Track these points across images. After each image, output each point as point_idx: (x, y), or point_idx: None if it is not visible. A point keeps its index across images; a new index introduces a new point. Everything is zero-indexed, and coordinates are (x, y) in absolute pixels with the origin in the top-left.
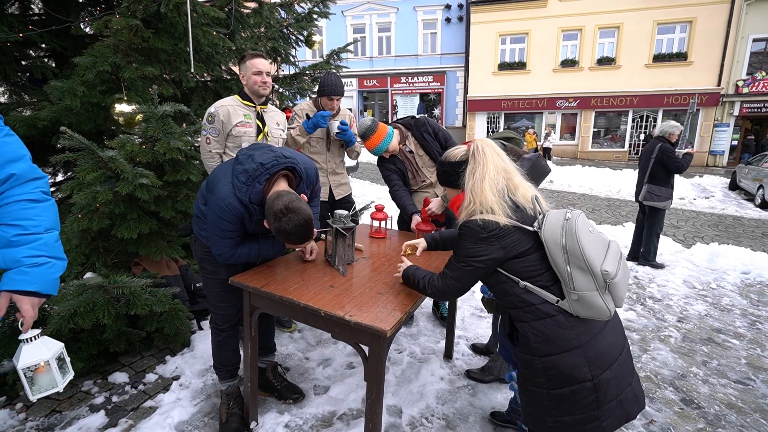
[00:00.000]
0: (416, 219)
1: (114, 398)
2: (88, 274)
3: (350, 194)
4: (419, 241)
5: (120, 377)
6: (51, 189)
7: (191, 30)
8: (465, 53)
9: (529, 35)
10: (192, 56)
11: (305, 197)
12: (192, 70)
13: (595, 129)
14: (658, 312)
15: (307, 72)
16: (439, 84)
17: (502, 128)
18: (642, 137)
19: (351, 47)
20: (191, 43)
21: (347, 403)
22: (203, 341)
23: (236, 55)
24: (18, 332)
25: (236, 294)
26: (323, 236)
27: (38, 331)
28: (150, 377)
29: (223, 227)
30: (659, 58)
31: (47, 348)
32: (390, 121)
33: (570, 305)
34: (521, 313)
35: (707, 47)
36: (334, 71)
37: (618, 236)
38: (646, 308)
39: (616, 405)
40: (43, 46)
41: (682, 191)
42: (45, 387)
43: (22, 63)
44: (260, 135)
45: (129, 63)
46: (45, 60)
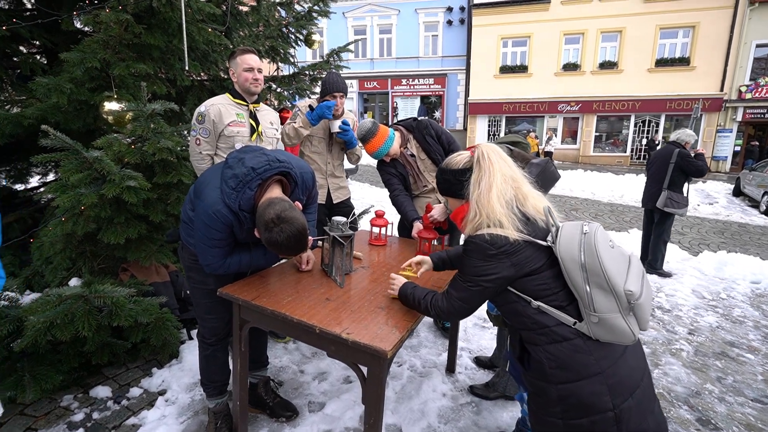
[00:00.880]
0: (417, 226)
1: (95, 415)
2: (74, 280)
3: (349, 198)
4: (425, 260)
5: (102, 391)
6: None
7: (185, 26)
8: (466, 56)
9: (531, 38)
10: (186, 53)
11: (300, 205)
12: (186, 68)
13: (597, 133)
14: (668, 323)
15: (307, 72)
16: (440, 86)
17: (504, 132)
18: (644, 142)
19: (351, 47)
20: (185, 40)
21: (344, 422)
22: (192, 352)
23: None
24: None
25: (225, 305)
26: (320, 243)
27: None
28: (134, 391)
29: (212, 235)
30: (662, 63)
31: None
32: (390, 123)
33: (589, 328)
34: (534, 336)
35: (710, 52)
36: (335, 71)
37: (624, 243)
38: (656, 319)
39: None
40: (36, 43)
41: None
42: None
43: (14, 59)
44: (254, 135)
45: (119, 60)
46: (37, 57)
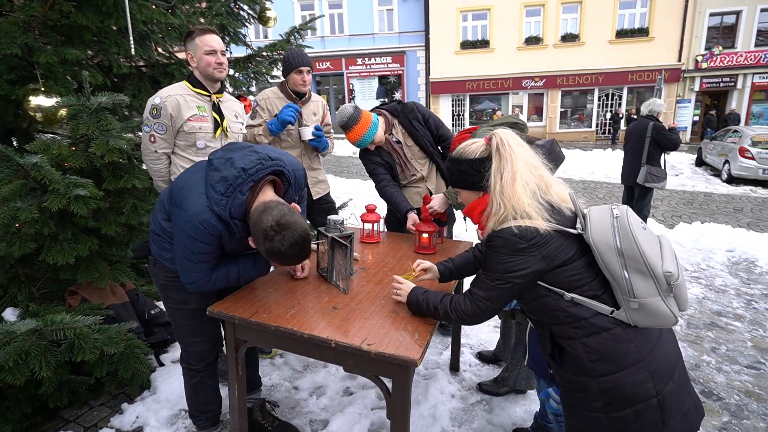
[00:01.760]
0: (413, 218)
1: None
2: (8, 311)
3: (329, 193)
4: (432, 268)
5: None
6: None
7: (127, 3)
8: (425, 31)
9: (491, 11)
10: (132, 34)
11: (297, 206)
12: (133, 53)
13: (562, 109)
14: None
15: (264, 53)
16: (399, 65)
17: (468, 112)
18: (609, 116)
19: (315, 23)
20: (129, 18)
21: None
22: (166, 380)
23: (178, 34)
24: None
25: (213, 324)
26: (316, 247)
27: None
28: None
29: (197, 249)
30: (622, 34)
31: None
32: (372, 108)
33: (628, 315)
34: (569, 330)
35: (667, 22)
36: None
37: None
38: None
39: (681, 419)
40: None
41: None
42: None
43: None
44: (218, 130)
45: (45, 44)
46: None
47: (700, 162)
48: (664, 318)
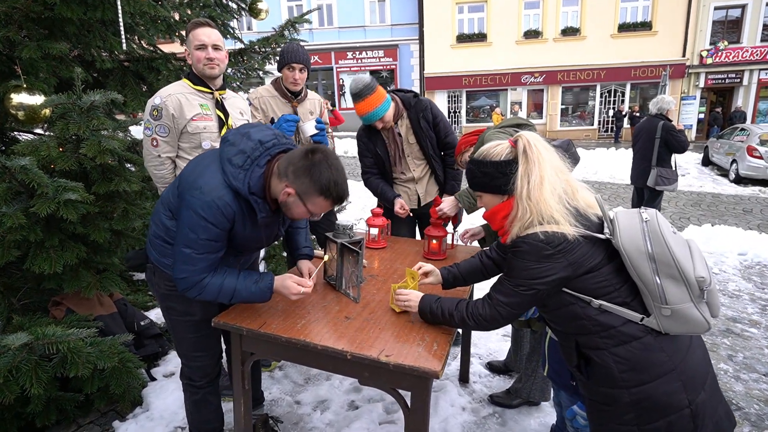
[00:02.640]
0: (400, 202)
1: None
2: None
3: None
4: (434, 272)
5: None
6: None
7: None
8: (419, 24)
9: (489, 3)
10: (123, 27)
11: None
12: (124, 47)
13: (563, 106)
14: None
15: (257, 48)
16: (392, 60)
17: (465, 109)
18: (611, 113)
19: (310, 16)
20: (120, 10)
21: None
22: (159, 396)
23: (164, 26)
24: None
25: (216, 337)
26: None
27: None
28: None
29: (205, 234)
30: (624, 28)
31: None
32: (389, 90)
33: (659, 322)
34: (597, 339)
35: (671, 16)
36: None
37: None
38: None
39: (713, 428)
40: None
41: None
42: None
43: None
44: (223, 129)
45: (26, 38)
46: None
47: (707, 161)
48: (697, 325)
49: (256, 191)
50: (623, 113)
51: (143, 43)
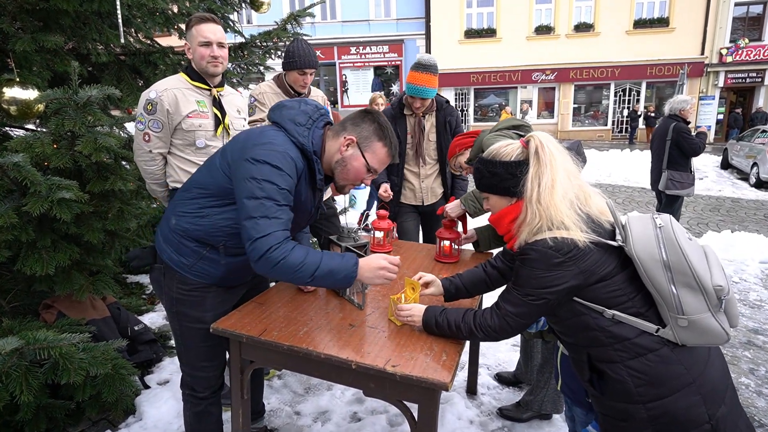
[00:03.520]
0: (384, 186)
1: None
2: None
3: (331, 196)
4: (435, 282)
5: None
6: None
7: None
8: (425, 18)
9: None
10: (120, 20)
11: None
12: (122, 40)
13: (575, 105)
14: None
15: (258, 42)
16: (396, 55)
17: (473, 107)
18: (626, 113)
19: (313, 10)
20: (118, 2)
21: None
22: (153, 404)
23: (162, 19)
24: None
25: (224, 348)
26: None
27: None
28: None
29: (283, 183)
30: (640, 24)
31: None
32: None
33: (675, 333)
34: (610, 352)
35: (689, 12)
36: (301, 39)
37: None
38: None
39: None
40: None
41: None
42: None
43: None
44: (219, 128)
45: (20, 30)
46: None
47: (726, 164)
48: (715, 335)
49: (317, 150)
50: (638, 113)
51: (140, 36)
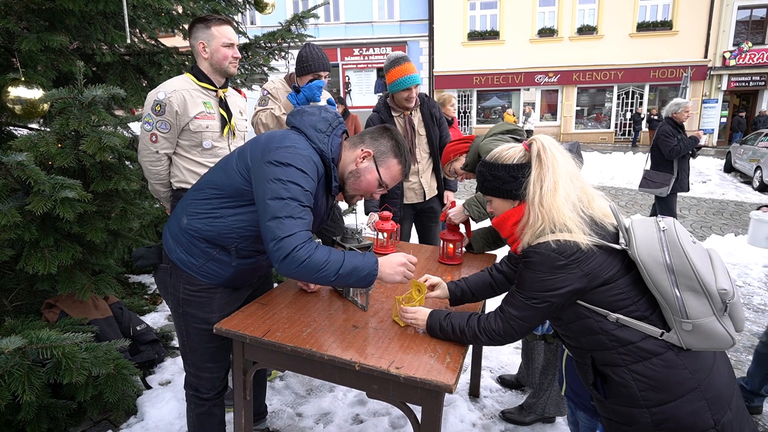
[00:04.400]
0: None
1: None
2: None
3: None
4: (441, 285)
5: None
6: None
7: None
8: (429, 20)
9: (502, 0)
10: (126, 20)
11: None
12: (128, 41)
13: (578, 107)
14: None
15: (262, 43)
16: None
17: (476, 109)
18: (629, 116)
19: (318, 11)
20: (125, 2)
21: None
22: (155, 405)
23: (167, 20)
24: None
25: (229, 348)
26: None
27: None
28: None
29: (306, 185)
30: (643, 27)
31: None
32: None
33: (680, 338)
34: (614, 356)
35: (692, 15)
36: (312, 44)
37: None
38: None
39: None
40: None
41: None
42: None
43: None
44: (225, 129)
45: (26, 30)
46: None
47: (729, 168)
48: (721, 340)
49: (335, 158)
50: (641, 116)
51: (145, 37)
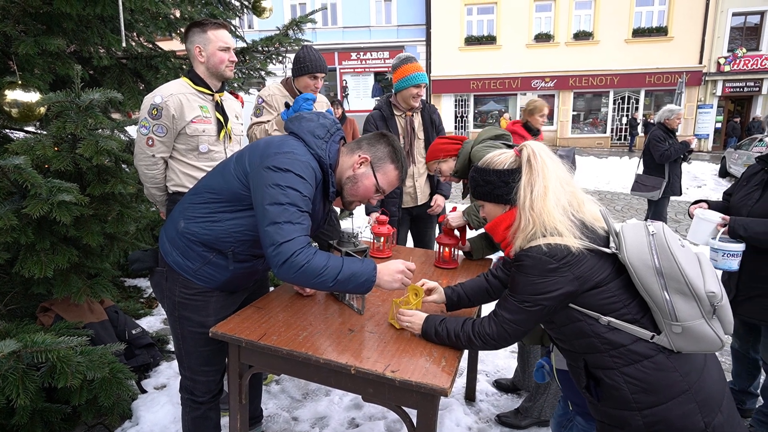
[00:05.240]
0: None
1: None
2: None
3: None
4: (438, 289)
5: None
6: None
7: None
8: (426, 25)
9: (498, 5)
10: (123, 24)
11: None
12: (123, 44)
13: (575, 112)
14: None
15: (260, 47)
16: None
17: (473, 114)
18: (625, 121)
19: (315, 16)
20: (121, 7)
21: None
22: (150, 409)
23: (165, 24)
24: None
25: (225, 352)
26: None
27: None
28: None
29: (305, 190)
30: (639, 33)
31: None
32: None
33: (670, 340)
34: (606, 359)
35: (687, 21)
36: (309, 45)
37: None
38: None
39: None
40: None
41: None
42: None
43: None
44: (221, 133)
45: (23, 33)
46: None
47: (724, 173)
48: (710, 342)
49: (332, 164)
50: (637, 121)
51: (142, 40)
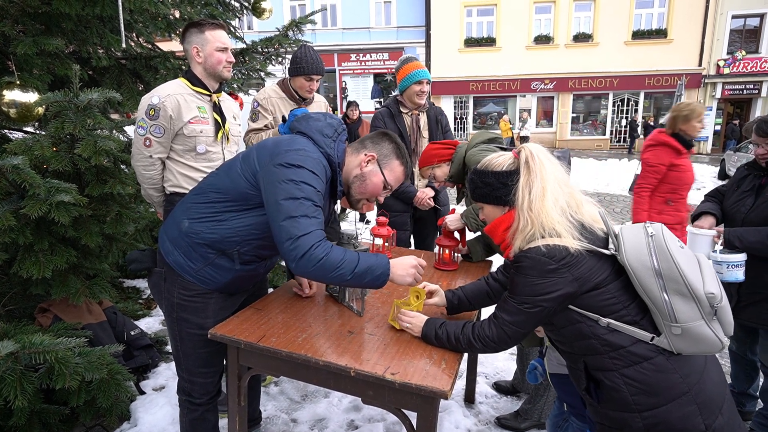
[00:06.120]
0: (426, 192)
1: None
2: None
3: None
4: (439, 292)
5: None
6: None
7: None
8: (425, 27)
9: (498, 7)
10: (122, 24)
11: None
12: (123, 45)
13: (574, 114)
14: None
15: (259, 48)
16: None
17: (472, 115)
18: (624, 123)
19: (315, 17)
20: (120, 7)
21: None
22: (149, 410)
23: (164, 24)
24: None
25: (223, 355)
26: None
27: None
28: None
29: (318, 186)
30: (638, 35)
31: None
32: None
33: (670, 342)
34: (606, 360)
35: (687, 24)
36: (308, 45)
37: None
38: None
39: None
40: None
41: None
42: None
43: None
44: (219, 133)
45: (21, 33)
46: None
47: (723, 175)
48: (709, 344)
49: (340, 163)
50: (637, 123)
51: (141, 41)
